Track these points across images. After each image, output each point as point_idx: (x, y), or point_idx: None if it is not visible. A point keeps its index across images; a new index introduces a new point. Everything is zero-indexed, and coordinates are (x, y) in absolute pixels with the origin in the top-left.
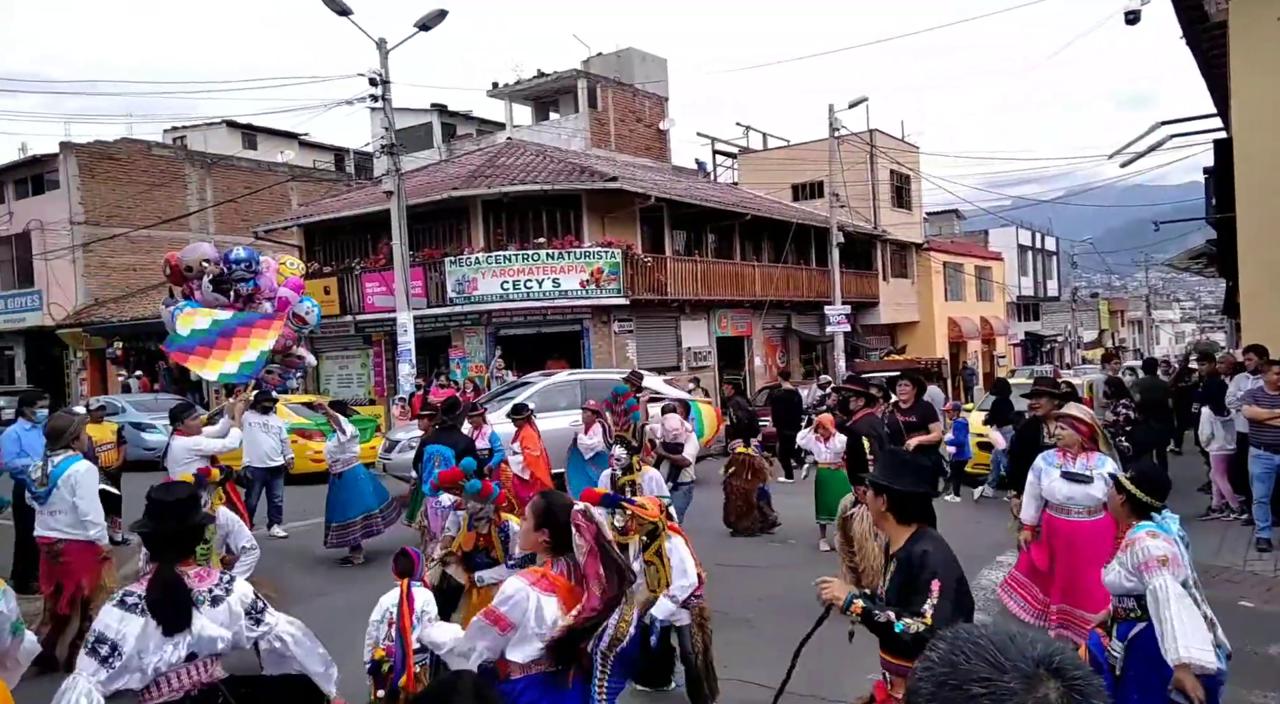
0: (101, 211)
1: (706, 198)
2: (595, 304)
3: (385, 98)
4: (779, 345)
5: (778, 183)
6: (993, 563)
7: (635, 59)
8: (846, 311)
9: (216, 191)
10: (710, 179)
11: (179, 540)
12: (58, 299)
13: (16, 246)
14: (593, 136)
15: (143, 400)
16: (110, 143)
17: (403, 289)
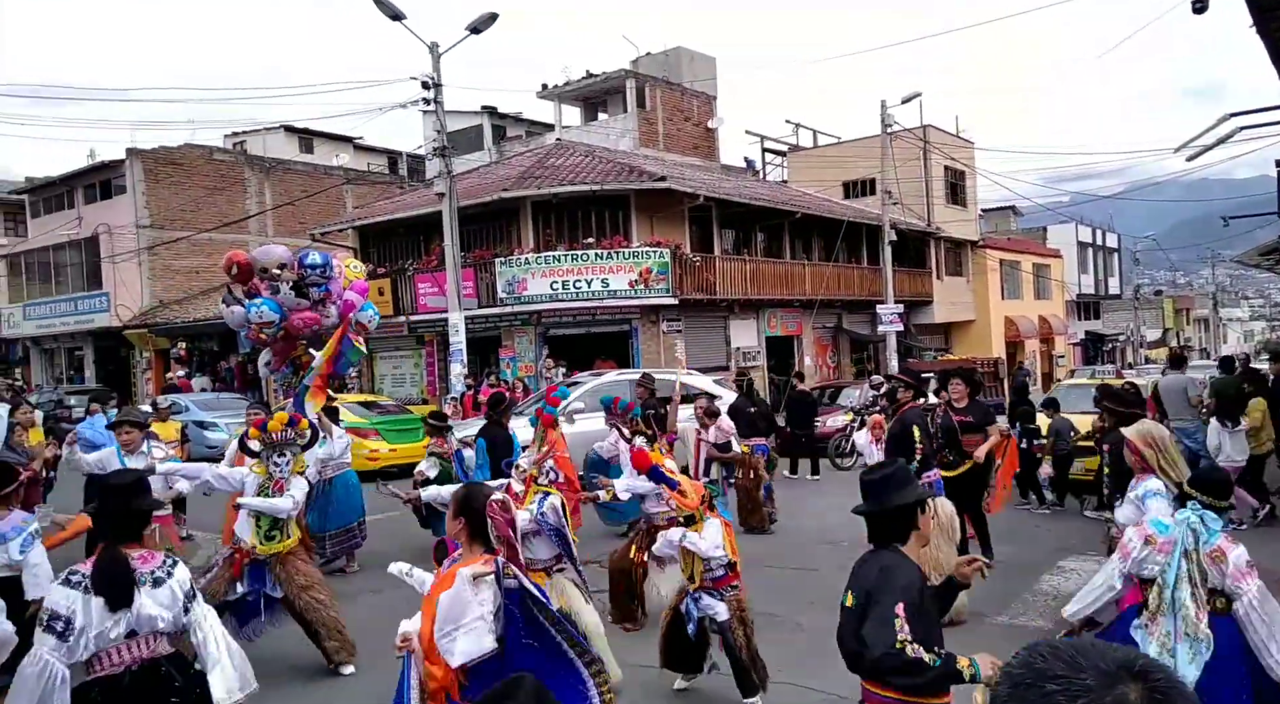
0: (166, 215)
1: (755, 196)
2: (644, 304)
3: (437, 101)
4: (829, 345)
5: (828, 180)
6: (1054, 568)
7: (684, 58)
8: (899, 311)
9: (275, 195)
10: (759, 177)
11: (124, 522)
12: (124, 301)
13: (86, 250)
14: (641, 136)
15: (206, 399)
16: (174, 148)
17: (454, 290)
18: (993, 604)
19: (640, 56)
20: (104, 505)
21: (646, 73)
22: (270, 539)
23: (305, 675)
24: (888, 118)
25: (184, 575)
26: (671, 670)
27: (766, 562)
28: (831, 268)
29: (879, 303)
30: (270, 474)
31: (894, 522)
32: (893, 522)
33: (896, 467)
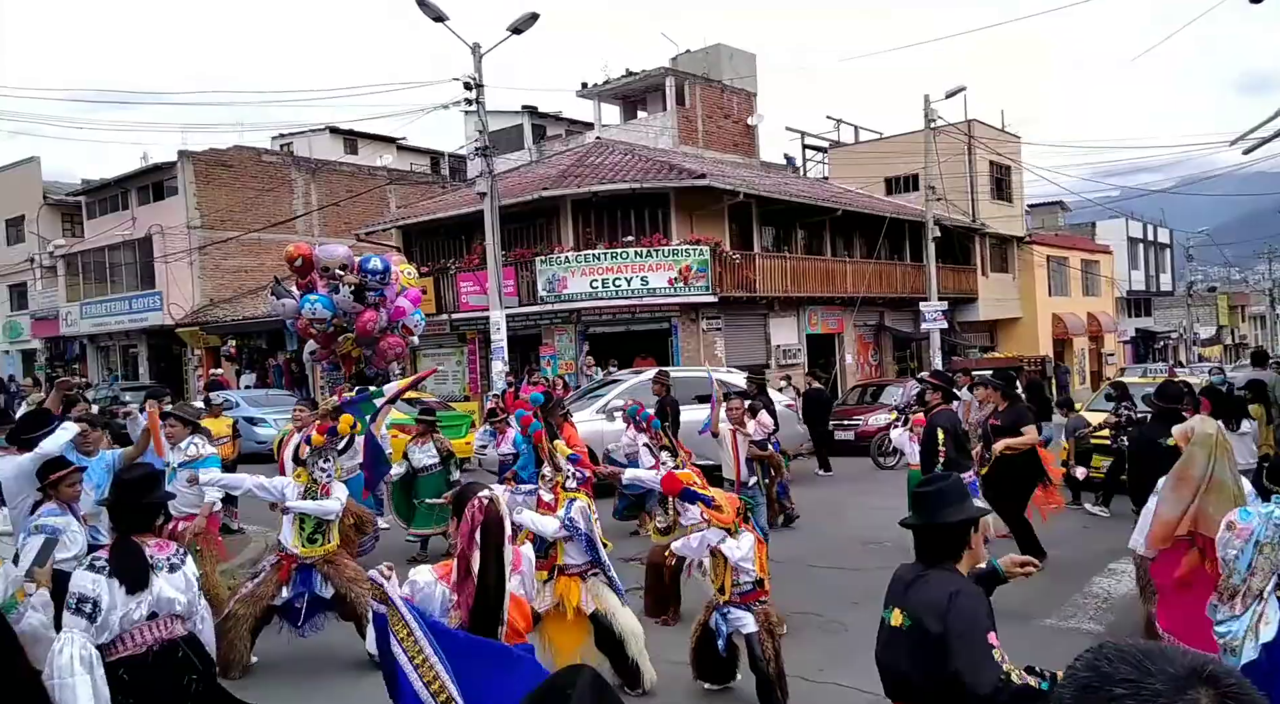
0: (216, 216)
1: (796, 193)
2: (683, 302)
3: (479, 101)
4: (871, 343)
5: (870, 177)
6: (1104, 571)
7: (724, 55)
8: (943, 308)
9: (321, 195)
10: (800, 174)
11: (137, 513)
12: (176, 300)
13: (139, 250)
14: (680, 134)
15: (255, 396)
16: (224, 150)
17: (495, 288)
18: (1042, 606)
19: (680, 54)
20: (118, 498)
21: (686, 70)
22: (313, 542)
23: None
24: (931, 113)
25: (193, 566)
26: (704, 680)
27: (809, 561)
28: (873, 265)
29: (922, 300)
30: (315, 479)
31: (947, 539)
32: (946, 539)
33: (951, 480)
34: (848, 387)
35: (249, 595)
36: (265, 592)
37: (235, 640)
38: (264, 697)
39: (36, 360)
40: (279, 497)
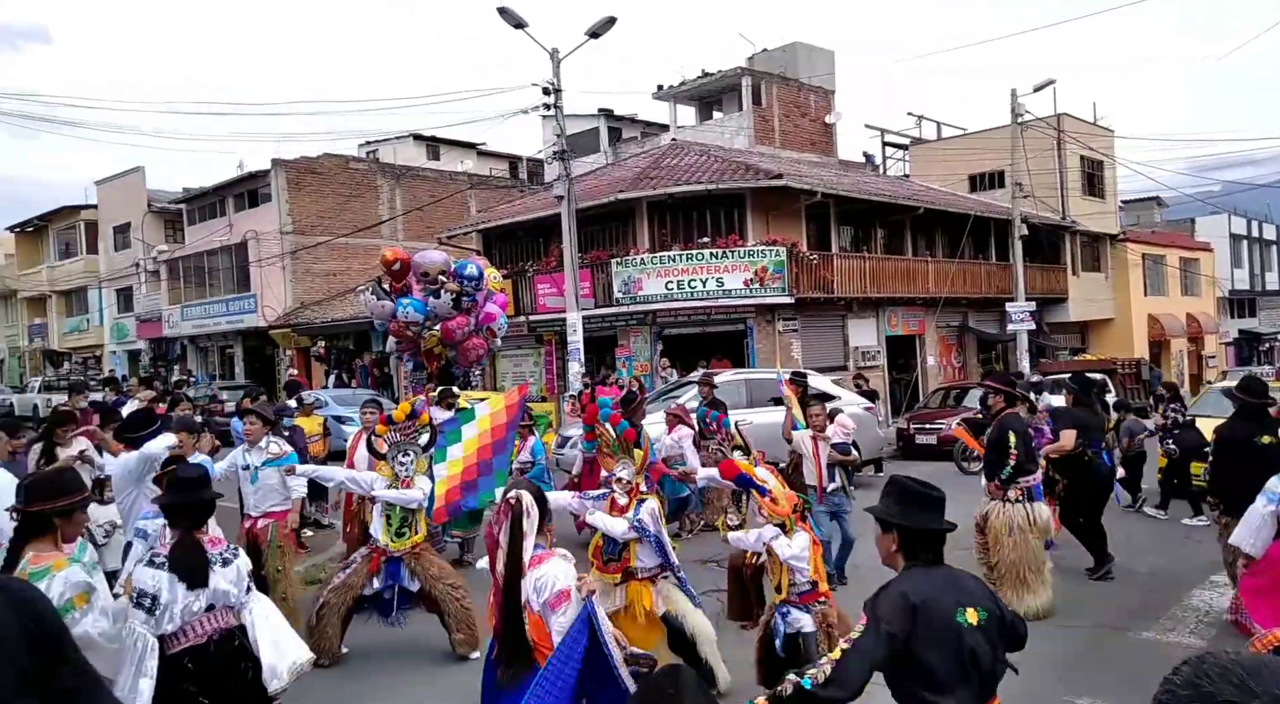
0: (306, 221)
1: (875, 192)
2: (759, 303)
3: (557, 106)
4: (955, 345)
5: (953, 174)
6: (1205, 583)
7: (801, 53)
8: (1030, 308)
9: (405, 200)
10: (879, 172)
11: (192, 511)
12: (270, 302)
13: (236, 255)
14: (757, 134)
15: (342, 395)
16: (314, 158)
17: (572, 290)
18: (1139, 618)
19: (756, 53)
20: (177, 497)
21: (763, 70)
22: (400, 536)
23: (441, 662)
24: (1018, 107)
25: (245, 560)
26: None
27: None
28: (957, 264)
29: (1008, 300)
30: (396, 474)
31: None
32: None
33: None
34: (929, 389)
35: (341, 585)
36: (356, 582)
37: (326, 628)
38: (352, 685)
39: (141, 360)
40: (367, 488)
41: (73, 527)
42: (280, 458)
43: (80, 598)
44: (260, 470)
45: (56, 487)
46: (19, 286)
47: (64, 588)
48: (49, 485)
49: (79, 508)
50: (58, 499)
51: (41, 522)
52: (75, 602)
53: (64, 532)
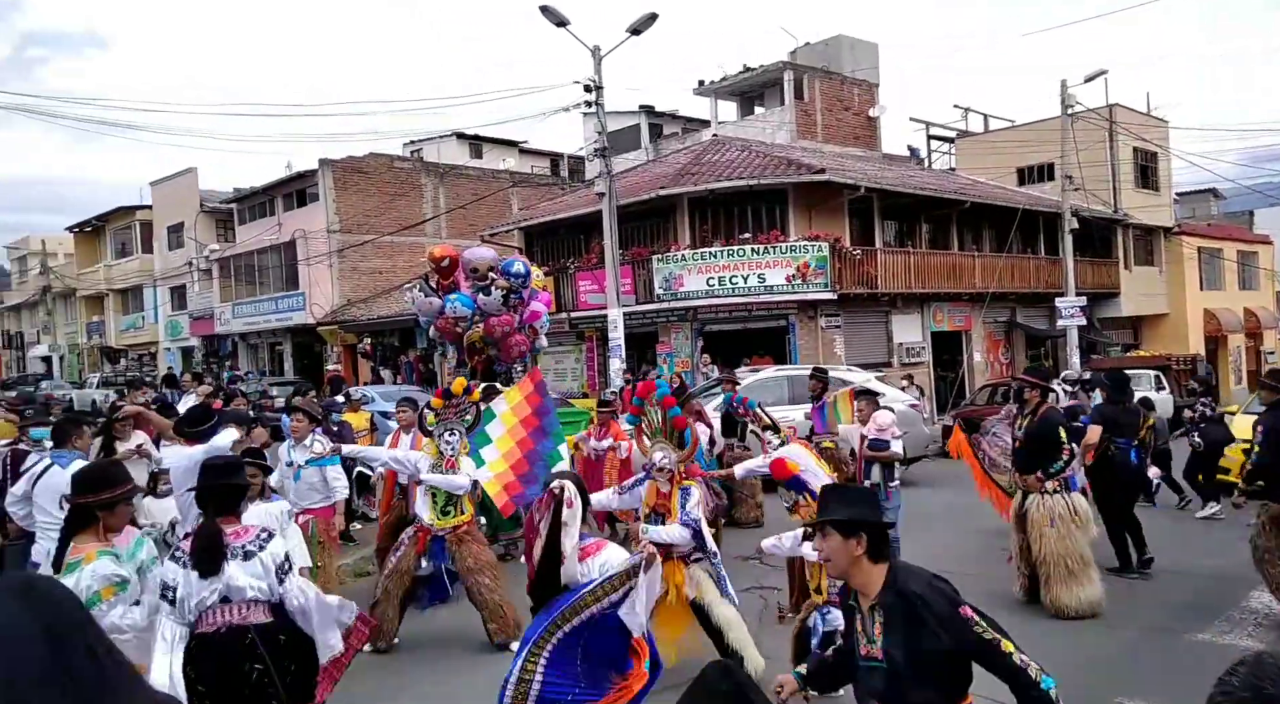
0: (353, 220)
1: (920, 186)
2: (801, 299)
3: (599, 103)
4: (1002, 341)
5: (1001, 167)
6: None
7: (844, 46)
8: (1081, 304)
9: (448, 199)
10: (925, 166)
11: (216, 496)
12: (318, 300)
13: (284, 254)
14: (799, 128)
15: (388, 391)
16: (359, 158)
17: (613, 287)
18: (1194, 620)
19: (799, 47)
20: (203, 482)
21: (805, 64)
22: (446, 514)
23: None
24: (1068, 98)
25: (278, 549)
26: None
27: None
28: (1004, 259)
29: (1058, 295)
30: (441, 453)
31: None
32: None
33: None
34: (975, 386)
35: (394, 570)
36: (406, 565)
37: (387, 611)
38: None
39: (194, 357)
40: (412, 469)
41: (116, 519)
42: (322, 458)
43: (108, 590)
44: (303, 468)
45: (99, 479)
46: (78, 285)
47: (91, 581)
48: (93, 478)
49: (122, 500)
50: (100, 492)
51: (86, 514)
52: (103, 594)
53: (107, 523)
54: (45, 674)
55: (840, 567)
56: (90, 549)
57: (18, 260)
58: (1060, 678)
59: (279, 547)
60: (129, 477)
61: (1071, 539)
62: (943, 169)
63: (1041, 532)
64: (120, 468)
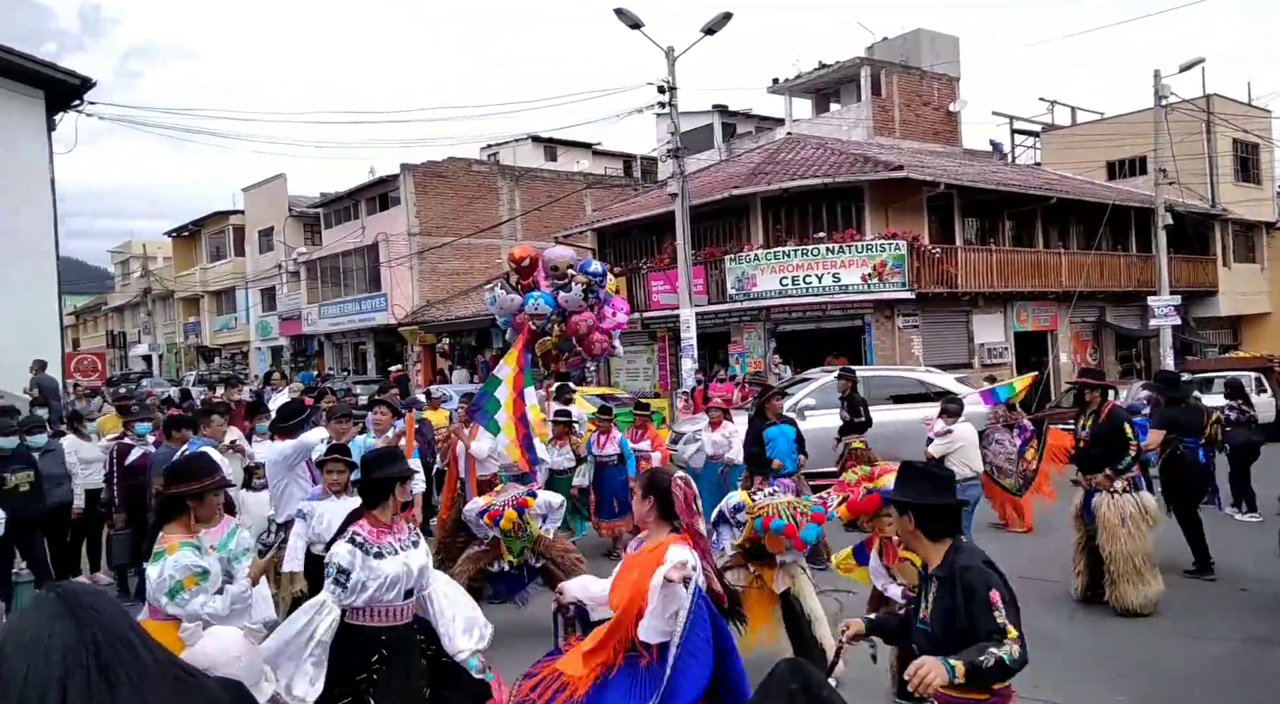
0: (432, 223)
1: (1003, 181)
2: (878, 299)
3: (672, 103)
4: (1090, 341)
5: (1089, 161)
6: None
7: (924, 40)
8: (1175, 302)
9: (523, 201)
10: (1008, 161)
11: (369, 489)
12: (399, 301)
13: (368, 256)
14: (875, 125)
15: (466, 390)
16: (439, 162)
17: (685, 287)
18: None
19: (876, 42)
20: (361, 476)
21: (883, 59)
22: None
23: None
24: (1162, 89)
25: (425, 547)
26: (902, 699)
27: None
28: (1093, 256)
29: (1150, 294)
30: None
31: None
32: None
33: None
34: (1062, 388)
35: (473, 556)
36: (484, 557)
37: None
38: None
39: (283, 356)
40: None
41: (205, 509)
42: None
43: (190, 580)
44: None
45: (188, 470)
46: (176, 287)
47: (174, 570)
48: (182, 469)
49: (210, 491)
50: (190, 482)
51: (176, 504)
52: (185, 583)
53: (196, 514)
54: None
55: (904, 539)
56: (175, 540)
57: (121, 264)
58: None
59: (425, 545)
60: (216, 468)
61: (1141, 538)
62: (1027, 164)
63: (1113, 530)
64: (208, 459)
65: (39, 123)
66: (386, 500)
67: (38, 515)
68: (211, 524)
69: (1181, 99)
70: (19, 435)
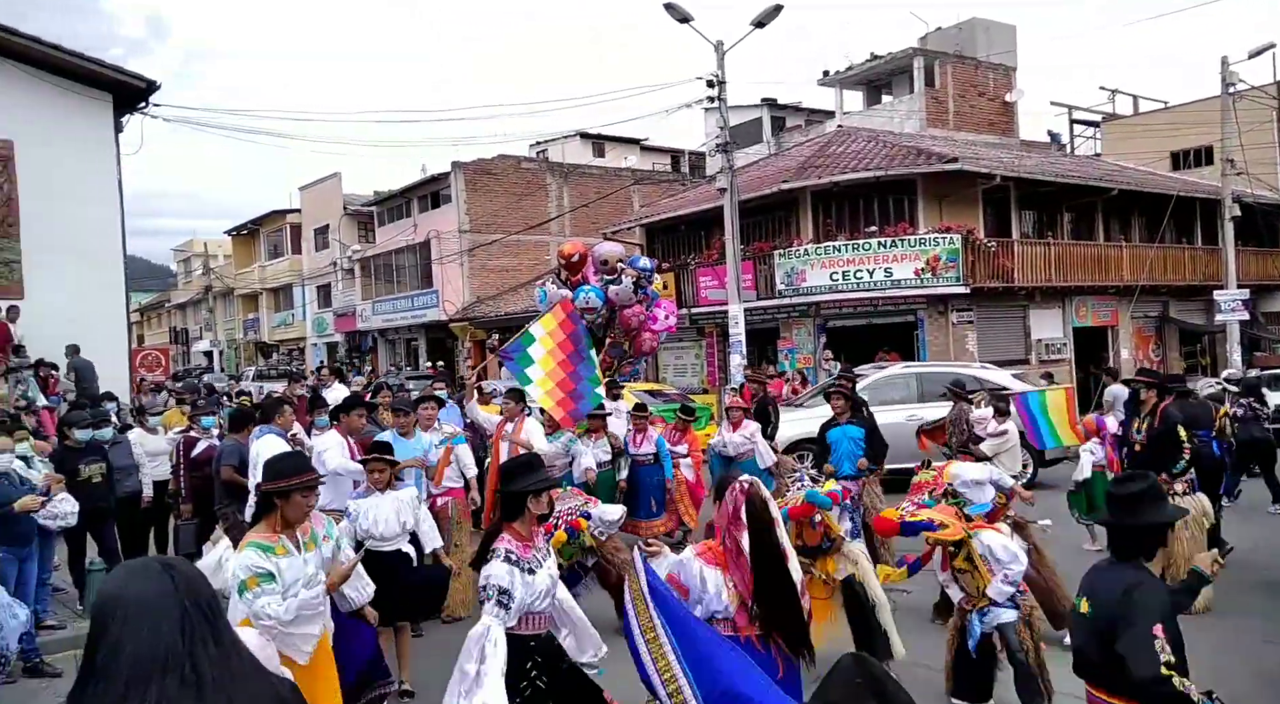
0: (482, 220)
1: (1061, 173)
2: (931, 294)
3: (721, 98)
4: (1153, 336)
5: (1152, 151)
6: None
7: (979, 29)
8: (1243, 297)
9: (571, 198)
10: (1066, 152)
11: (506, 504)
12: (450, 297)
13: (419, 253)
14: (929, 116)
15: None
16: (489, 160)
17: (734, 282)
18: None
19: (930, 33)
20: (501, 486)
21: (936, 49)
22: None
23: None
24: (1230, 76)
25: (549, 571)
26: (958, 699)
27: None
28: (1156, 249)
29: (1216, 288)
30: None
31: (1143, 538)
32: (1141, 538)
33: (1149, 482)
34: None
35: None
36: None
37: None
38: None
39: (338, 352)
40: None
41: (292, 508)
42: (453, 436)
43: (252, 581)
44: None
45: (277, 469)
46: (235, 284)
47: (239, 569)
48: (272, 466)
49: (296, 491)
50: (276, 480)
51: (266, 502)
52: (248, 583)
53: (283, 513)
54: (181, 644)
55: None
56: (251, 538)
57: (183, 262)
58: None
59: (550, 567)
60: (307, 467)
61: (1200, 540)
62: (1087, 155)
63: (1176, 533)
64: (301, 459)
65: (107, 125)
66: (523, 513)
67: (109, 506)
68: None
69: (1250, 86)
70: (90, 429)
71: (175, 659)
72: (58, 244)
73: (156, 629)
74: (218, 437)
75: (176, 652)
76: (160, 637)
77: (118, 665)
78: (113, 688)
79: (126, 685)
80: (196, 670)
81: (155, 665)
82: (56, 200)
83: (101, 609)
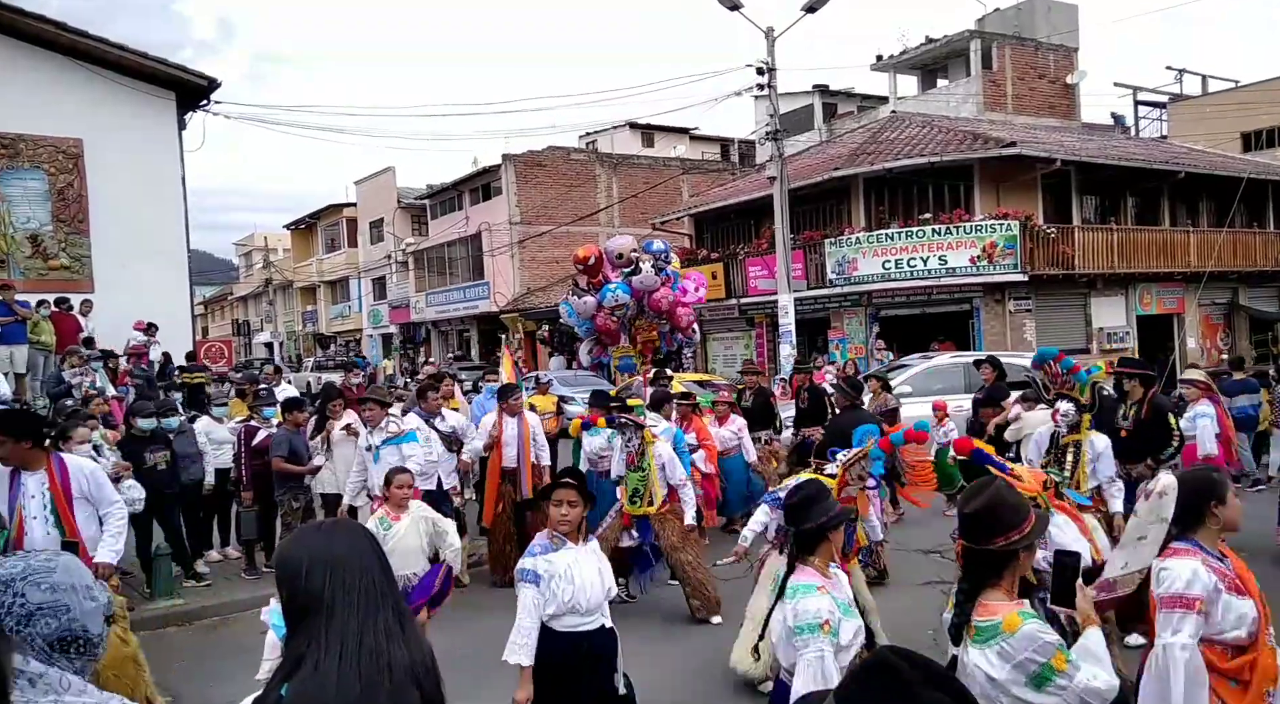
0: (532, 212)
1: (1125, 157)
2: (987, 281)
3: (771, 85)
4: (1221, 324)
5: (1222, 133)
6: None
7: (1039, 9)
8: None
9: (621, 188)
10: (1130, 134)
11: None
12: (500, 289)
13: (471, 245)
14: (986, 100)
15: (565, 376)
16: (539, 152)
17: (784, 272)
18: None
19: (987, 14)
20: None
21: (994, 31)
22: (633, 503)
23: (687, 620)
24: None
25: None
26: None
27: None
28: (1225, 234)
29: None
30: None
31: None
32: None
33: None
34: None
35: (602, 536)
36: (610, 535)
37: None
38: None
39: (393, 343)
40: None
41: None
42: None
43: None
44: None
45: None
46: (294, 278)
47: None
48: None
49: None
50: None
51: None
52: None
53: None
54: (387, 585)
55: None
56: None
57: (244, 256)
58: None
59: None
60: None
61: None
62: (1153, 137)
63: None
64: None
65: (170, 122)
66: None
67: (174, 493)
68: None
69: None
70: (156, 418)
71: (387, 596)
72: (125, 238)
73: (371, 573)
74: (277, 425)
75: (385, 591)
76: (375, 579)
77: (351, 601)
78: (353, 617)
79: (364, 614)
80: (398, 606)
81: (380, 599)
82: (124, 196)
83: (311, 561)
